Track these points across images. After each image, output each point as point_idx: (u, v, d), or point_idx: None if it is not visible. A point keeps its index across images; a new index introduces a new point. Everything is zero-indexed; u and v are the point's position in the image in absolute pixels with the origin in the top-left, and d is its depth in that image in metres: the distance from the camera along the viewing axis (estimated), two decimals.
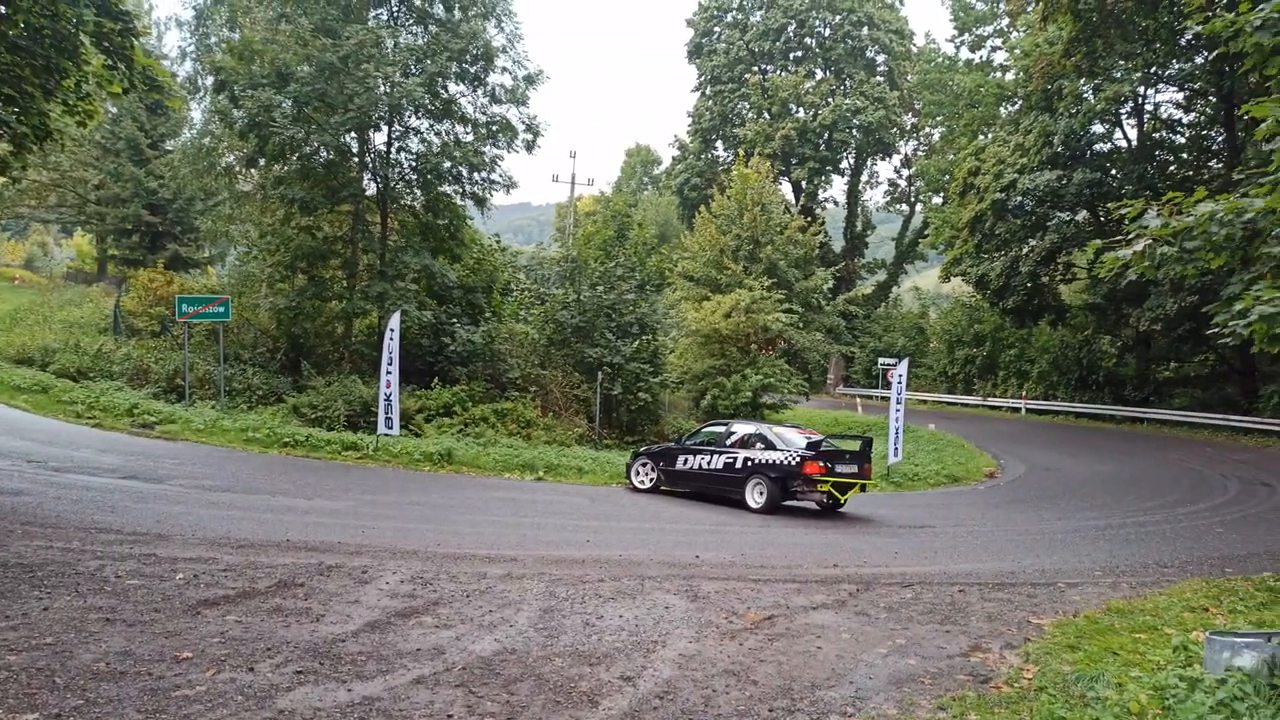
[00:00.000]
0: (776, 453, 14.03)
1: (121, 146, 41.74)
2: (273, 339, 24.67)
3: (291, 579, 7.58)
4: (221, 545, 8.76)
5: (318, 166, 23.17)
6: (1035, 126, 36.55)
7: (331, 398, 20.46)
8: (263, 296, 26.09)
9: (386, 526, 10.64)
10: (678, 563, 9.72)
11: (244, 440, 16.98)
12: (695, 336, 30.08)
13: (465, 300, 25.65)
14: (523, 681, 5.63)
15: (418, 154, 24.56)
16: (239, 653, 5.69)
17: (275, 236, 24.32)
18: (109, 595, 6.72)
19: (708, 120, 56.88)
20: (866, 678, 6.16)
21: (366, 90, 21.57)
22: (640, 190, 77.12)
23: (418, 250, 24.07)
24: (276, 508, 11.28)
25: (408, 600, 7.28)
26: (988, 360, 43.72)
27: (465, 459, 17.22)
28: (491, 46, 24.36)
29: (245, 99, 21.37)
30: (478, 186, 25.17)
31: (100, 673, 5.16)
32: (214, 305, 21.08)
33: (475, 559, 9.11)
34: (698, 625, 7.21)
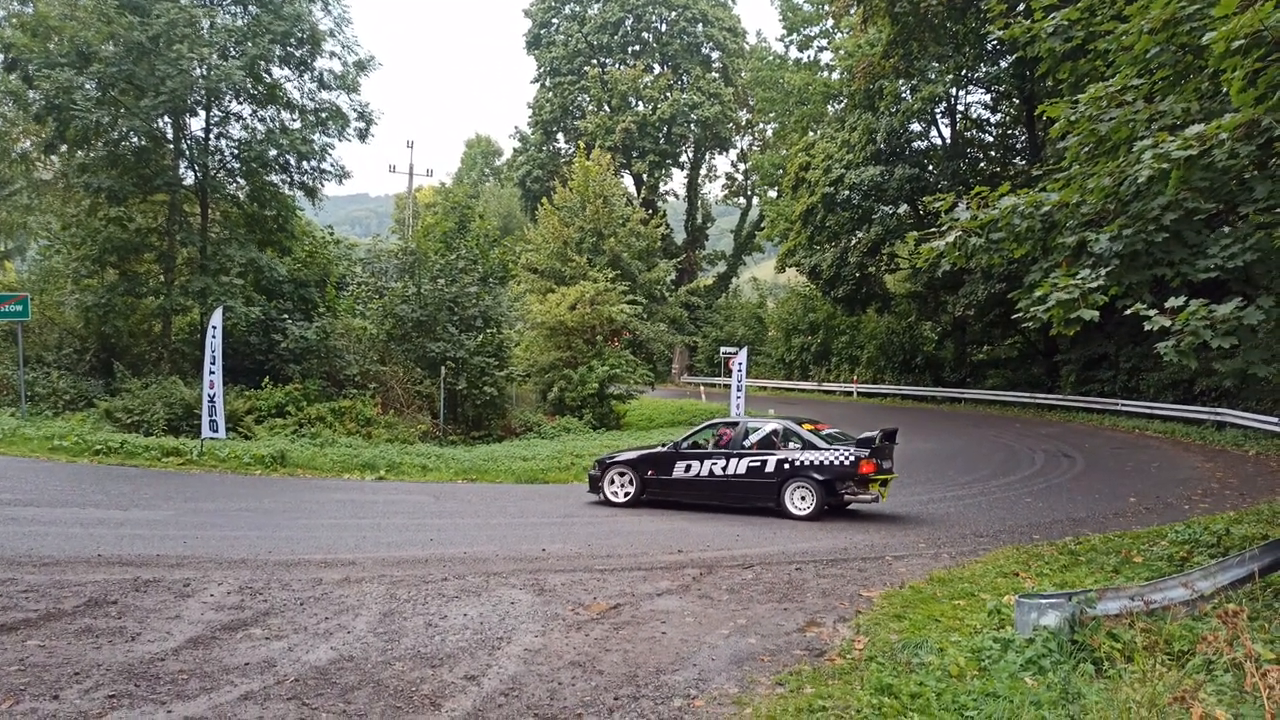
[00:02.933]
0: (822, 452, 12.65)
1: None
2: (81, 339, 22.82)
3: (103, 597, 7.04)
4: (22, 564, 8.02)
5: (127, 153, 21.59)
6: (860, 124, 38.42)
7: (149, 400, 19.12)
8: (68, 294, 24.03)
9: (212, 535, 10.04)
10: (524, 557, 9.66)
11: (49, 449, 15.63)
12: (541, 329, 29.98)
13: (297, 295, 24.54)
14: (360, 689, 5.46)
15: (240, 141, 23.30)
16: (42, 680, 5.24)
17: (81, 228, 22.51)
18: None
19: (548, 112, 56.67)
20: (709, 659, 6.32)
21: (180, 73, 20.23)
22: (482, 181, 75.98)
23: (243, 243, 22.87)
24: (86, 520, 10.44)
25: (235, 612, 6.91)
26: (822, 347, 45.74)
27: (301, 461, 16.49)
28: (318, 30, 23.39)
29: (41, 79, 19.63)
30: (307, 176, 24.16)
31: None
32: (11, 304, 19.28)
33: (310, 564, 8.75)
34: (544, 619, 7.19)
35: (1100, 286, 7.95)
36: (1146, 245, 8.02)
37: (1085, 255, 8.68)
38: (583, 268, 31.75)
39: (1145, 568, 9.02)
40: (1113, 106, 8.47)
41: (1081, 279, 8.00)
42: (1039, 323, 8.67)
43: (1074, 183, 8.76)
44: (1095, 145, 8.87)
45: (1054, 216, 8.77)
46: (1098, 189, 8.25)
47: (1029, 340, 35.68)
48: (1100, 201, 8.40)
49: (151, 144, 22.01)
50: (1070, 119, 8.87)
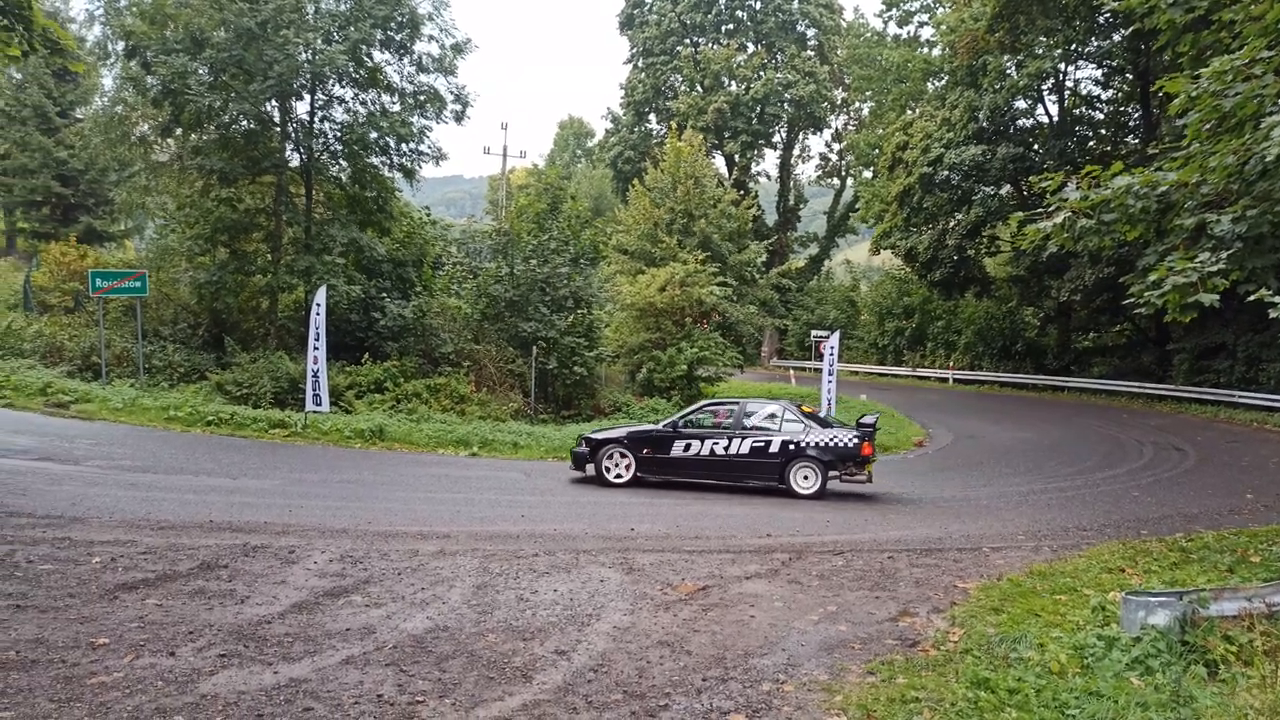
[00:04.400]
0: (826, 434, 13.12)
1: (28, 114, 39.76)
2: (194, 315, 23.89)
3: (215, 560, 7.37)
4: (141, 527, 8.47)
5: (237, 136, 22.40)
6: (961, 102, 37.16)
7: (257, 374, 19.93)
8: (183, 271, 25.18)
9: (315, 505, 10.41)
10: (613, 536, 9.73)
11: (165, 419, 16.45)
12: (630, 310, 30.01)
13: (395, 274, 25.16)
14: (455, 659, 5.58)
15: (343, 124, 23.88)
16: (159, 637, 5.52)
17: (194, 209, 23.48)
18: (20, 581, 6.44)
19: (640, 93, 56.50)
20: (798, 644, 6.25)
21: (287, 57, 20.86)
22: (574, 163, 76.46)
23: (345, 223, 23.51)
24: (200, 488, 10.96)
25: (337, 579, 7.15)
26: (916, 332, 44.65)
27: (397, 435, 16.96)
28: (417, 13, 23.75)
29: (158, 65, 20.49)
30: (406, 158, 24.61)
31: (9, 661, 4.95)
32: (130, 280, 20.29)
33: (407, 536, 8.99)
34: (632, 597, 7.23)
35: (1220, 271, 7.55)
36: (1273, 227, 7.55)
37: (1205, 238, 8.24)
38: (673, 249, 31.65)
39: (1264, 568, 8.54)
40: (1239, 81, 7.95)
41: (1200, 263, 7.60)
42: (1152, 309, 8.28)
43: (1194, 161, 8.28)
44: (1218, 122, 8.36)
45: (1171, 197, 8.32)
46: (1220, 168, 7.79)
47: (1139, 327, 34.13)
48: (1222, 181, 7.93)
49: (260, 127, 22.77)
50: (1191, 94, 8.37)
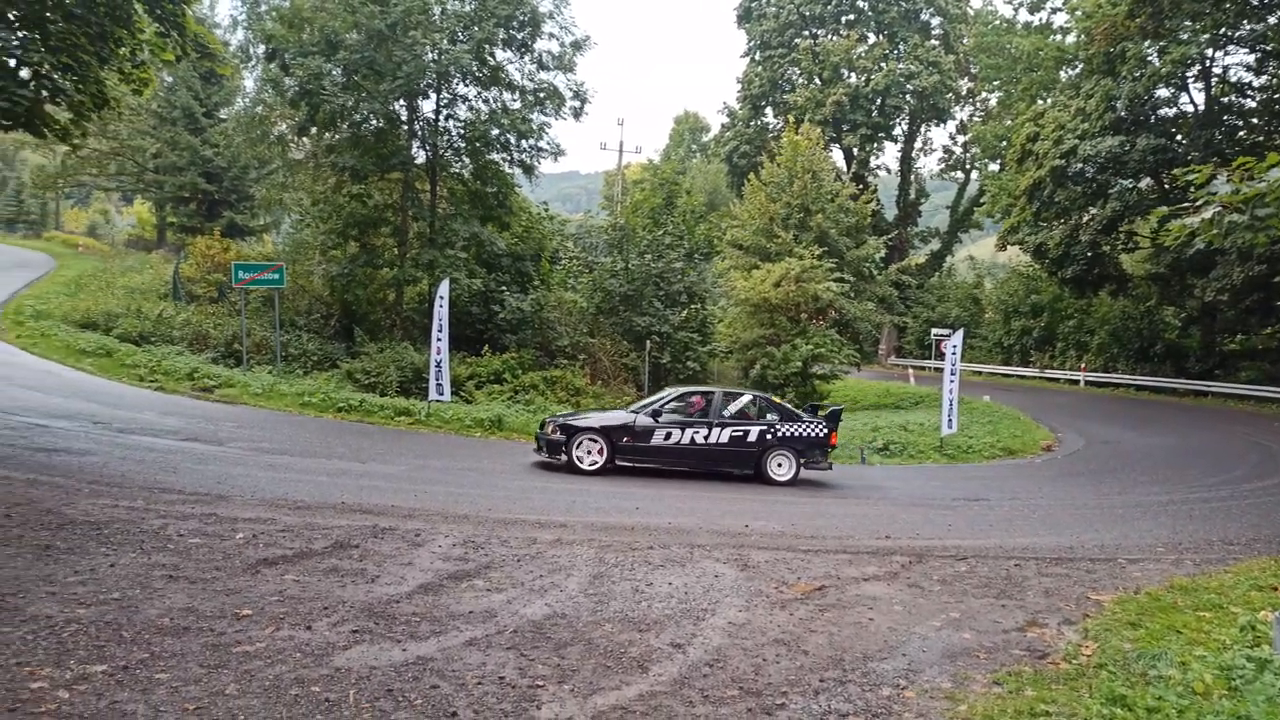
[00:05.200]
0: (799, 424, 13.70)
1: (177, 115, 42.44)
2: (326, 305, 25.03)
3: (347, 540, 7.70)
4: (279, 506, 8.93)
5: (368, 134, 23.33)
6: (1097, 91, 35.36)
7: (384, 364, 20.74)
8: (316, 264, 26.44)
9: (438, 491, 10.75)
10: (727, 531, 9.69)
11: (300, 405, 17.28)
12: (744, 305, 29.84)
13: (514, 268, 25.75)
14: (573, 646, 5.65)
15: (466, 121, 24.58)
16: (297, 611, 5.80)
17: (327, 204, 24.61)
18: (172, 553, 6.88)
19: (757, 86, 56.00)
20: (920, 650, 6.08)
21: (414, 58, 21.61)
22: (689, 158, 76.46)
23: (467, 218, 24.19)
24: (332, 471, 11.47)
25: (459, 563, 7.35)
26: (1045, 331, 42.79)
27: (515, 425, 17.35)
28: (538, 12, 24.19)
29: (296, 67, 21.53)
30: (525, 154, 25.13)
31: (164, 628, 5.29)
32: (269, 272, 21.41)
33: (525, 524, 9.18)
34: (748, 594, 7.18)
35: None
36: None
37: None
38: (788, 244, 31.27)
39: None
40: None
41: None
42: None
43: None
44: None
45: None
46: None
47: None
48: None
49: (388, 125, 23.67)
50: None
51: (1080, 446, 21.37)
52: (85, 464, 10.21)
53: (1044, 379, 41.18)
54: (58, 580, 6.01)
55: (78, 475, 9.55)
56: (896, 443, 19.48)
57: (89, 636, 5.07)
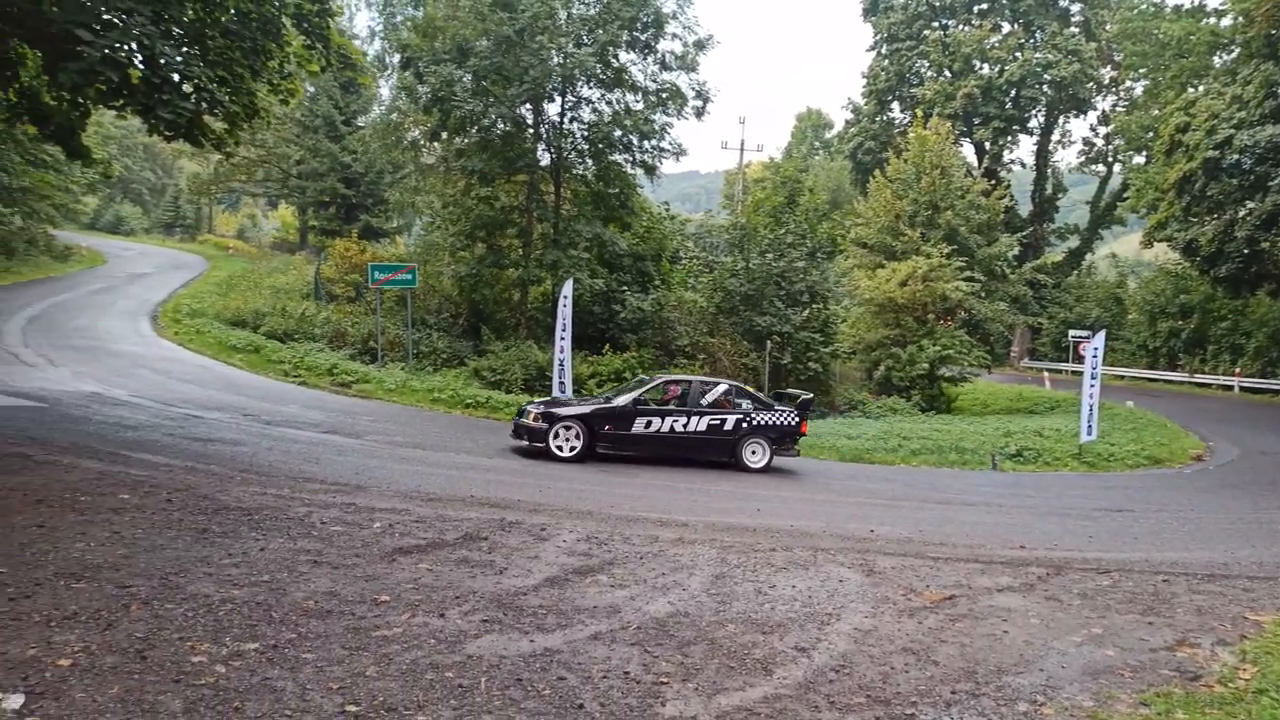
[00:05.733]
0: (774, 413, 14.07)
1: (319, 124, 44.64)
2: (455, 305, 25.85)
3: (476, 533, 7.93)
4: (413, 498, 9.29)
5: (495, 138, 23.94)
6: (1256, 76, 32.92)
7: (509, 362, 21.28)
8: (446, 264, 27.35)
9: (562, 487, 10.95)
10: (852, 536, 9.50)
11: (430, 400, 17.91)
12: (869, 305, 29.23)
13: (635, 268, 25.95)
14: (696, 645, 5.65)
15: (589, 123, 24.90)
16: (431, 599, 6.01)
17: (456, 207, 25.42)
18: (316, 539, 7.25)
19: (883, 80, 54.66)
20: (1059, 666, 5.80)
21: (541, 62, 22.07)
22: (811, 155, 75.33)
23: (589, 219, 24.53)
24: (461, 465, 11.85)
25: (584, 559, 7.46)
26: (1195, 334, 40.12)
27: None
28: (662, 13, 24.29)
29: (429, 75, 22.32)
30: (648, 154, 25.27)
31: (310, 610, 5.58)
32: (402, 273, 22.30)
33: (647, 522, 9.24)
34: (874, 600, 7.01)
35: None
36: None
37: None
38: (915, 242, 30.42)
39: None
40: None
41: None
42: None
43: None
44: None
45: None
46: None
47: None
48: None
49: (515, 129, 24.24)
50: None
51: (1234, 456, 19.96)
52: (237, 453, 10.89)
53: (1193, 384, 38.64)
54: (214, 562, 6.42)
55: (230, 464, 10.19)
56: (1030, 449, 18.67)
57: (242, 615, 5.39)
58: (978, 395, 30.89)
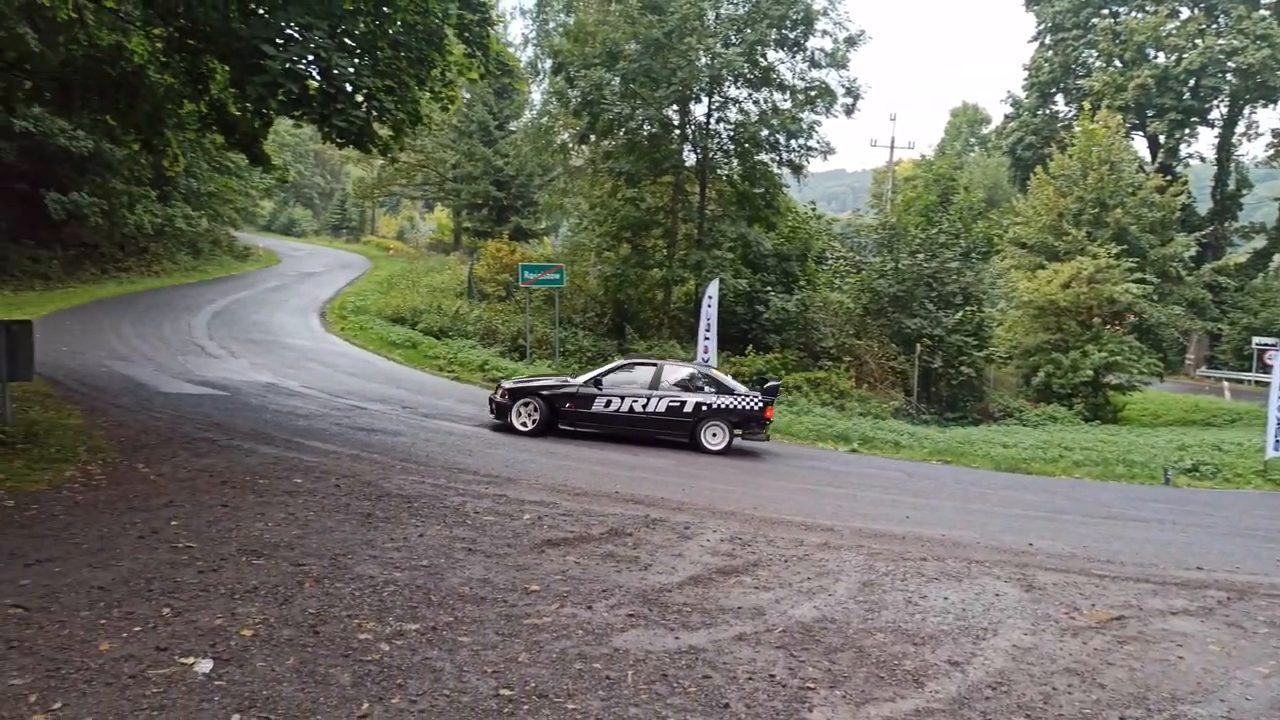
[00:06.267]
0: (735, 397, 14.03)
1: (474, 129, 46.34)
2: (600, 304, 26.32)
3: (621, 528, 8.04)
4: (560, 492, 9.51)
5: (642, 140, 24.22)
6: None
7: None
8: (592, 265, 27.88)
9: (704, 486, 10.96)
10: (1009, 549, 9.07)
11: None
12: (1027, 308, 27.86)
13: (780, 268, 25.70)
14: (843, 652, 5.54)
15: (736, 123, 24.84)
16: (578, 591, 6.14)
17: (603, 208, 25.87)
18: (470, 528, 7.54)
19: (1047, 72, 51.86)
20: (1242, 697, 5.36)
21: (689, 63, 22.19)
22: (966, 152, 72.42)
23: (734, 219, 24.47)
24: (606, 461, 12.05)
25: (727, 559, 7.45)
26: None
27: (779, 426, 17.28)
28: (812, 10, 23.95)
29: (579, 79, 22.83)
30: (794, 154, 25.01)
31: (465, 595, 5.80)
32: (551, 273, 22.88)
33: (791, 525, 9.12)
34: (1033, 617, 6.68)
35: None
36: None
37: None
38: (1080, 242, 28.76)
39: None
40: None
41: None
42: None
43: None
44: None
45: None
46: None
47: None
48: None
49: (662, 130, 24.46)
50: None
51: None
52: (397, 443, 11.45)
53: None
54: (377, 545, 6.78)
55: (391, 453, 10.73)
56: (1208, 463, 17.30)
57: (403, 597, 5.67)
58: (1148, 405, 28.89)
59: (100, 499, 7.51)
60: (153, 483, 8.21)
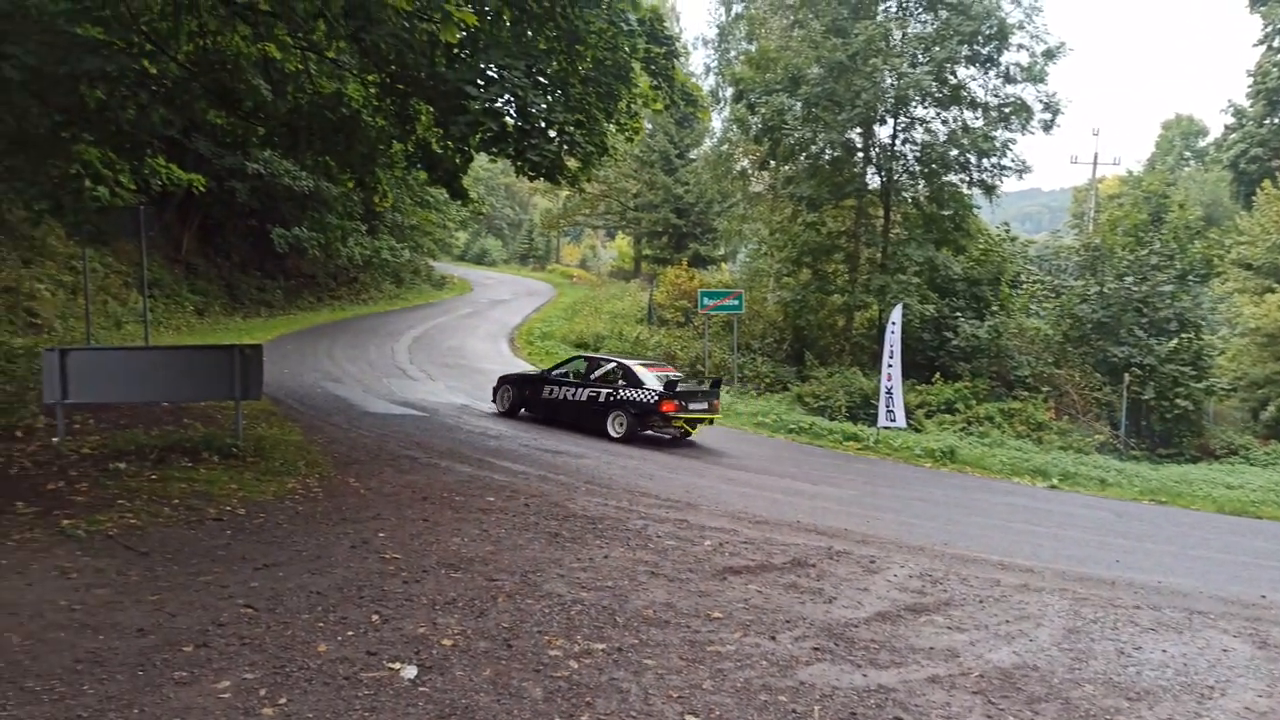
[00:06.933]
0: (637, 391, 14.62)
1: (655, 158, 47.31)
2: (779, 330, 26.14)
3: (803, 559, 7.88)
4: (740, 519, 9.46)
5: (824, 164, 23.99)
6: None
7: (833, 388, 21.06)
8: (771, 290, 27.77)
9: (890, 519, 10.59)
10: (1237, 600, 8.21)
11: (754, 424, 18.19)
12: (1254, 335, 25.32)
13: (970, 293, 24.63)
14: (1047, 703, 5.18)
15: (922, 144, 24.16)
16: (761, 620, 6.06)
17: (783, 234, 25.76)
18: (652, 552, 7.62)
19: (1276, 78, 47.24)
20: None
21: (873, 85, 21.80)
22: (1179, 167, 66.91)
23: (920, 242, 23.72)
24: (786, 489, 11.88)
25: (917, 596, 7.14)
26: None
27: (969, 458, 16.51)
28: (1006, 24, 22.99)
29: (760, 105, 22.90)
30: (986, 173, 24.03)
31: (649, 618, 5.86)
32: (730, 299, 22.92)
33: (986, 564, 8.64)
34: (1269, 678, 6.00)
35: None
36: None
37: None
38: None
39: None
40: None
41: None
42: None
43: None
44: None
45: None
46: None
47: None
48: None
49: (844, 154, 24.12)
50: None
51: None
52: (581, 466, 11.77)
53: None
54: (564, 564, 6.97)
55: (575, 475, 11.04)
56: None
57: (590, 617, 5.79)
58: None
59: (317, 510, 8.14)
60: (362, 496, 8.82)
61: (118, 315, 19.68)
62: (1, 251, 17.98)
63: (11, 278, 17.67)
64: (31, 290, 17.88)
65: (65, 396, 9.22)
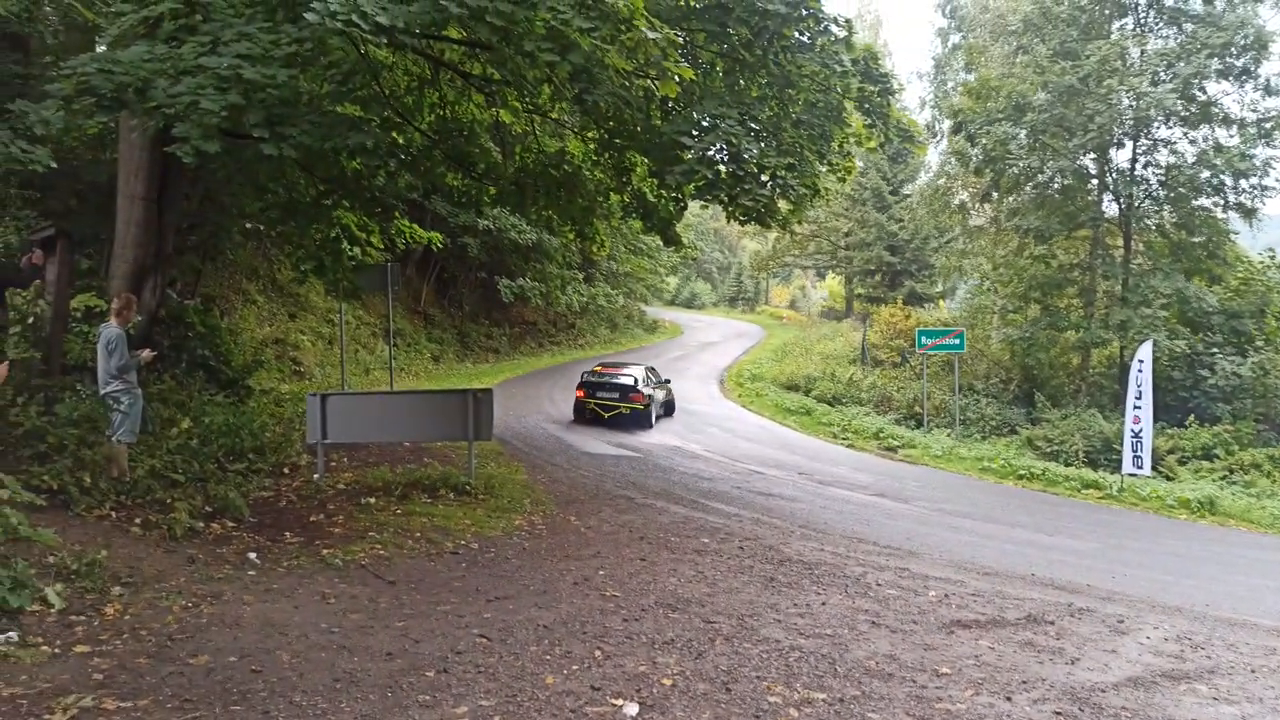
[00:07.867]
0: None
1: (867, 196, 46.41)
2: (1005, 370, 24.74)
3: (1040, 615, 7.34)
4: (967, 569, 8.96)
5: (1053, 193, 22.67)
6: None
7: (1068, 431, 19.61)
8: (994, 328, 26.36)
9: (1139, 575, 9.67)
10: None
11: (979, 469, 17.24)
12: None
13: (1228, 327, 22.21)
14: None
15: (1166, 167, 22.29)
16: (994, 679, 5.68)
17: (1008, 268, 24.48)
18: (872, 600, 7.36)
19: None
20: None
21: (1108, 107, 20.42)
22: None
23: (1167, 273, 21.78)
24: (1017, 540, 11.15)
25: (1174, 661, 6.46)
26: None
27: (1233, 511, 14.78)
28: (1264, 32, 20.86)
29: (981, 136, 21.99)
30: (1244, 195, 21.75)
31: (871, 670, 5.65)
32: (950, 338, 21.97)
33: (1258, 629, 7.68)
34: None
35: None
36: None
37: None
38: None
39: None
40: None
41: None
42: None
43: None
44: None
45: None
46: None
47: None
48: None
49: (1076, 182, 22.64)
50: None
51: None
52: (795, 509, 11.62)
53: None
54: (781, 609, 6.88)
55: (790, 518, 10.91)
56: None
57: (809, 665, 5.67)
58: None
59: (542, 547, 8.53)
60: (582, 534, 9.15)
61: (366, 363, 21.63)
62: (273, 308, 20.34)
63: (280, 330, 19.91)
64: (296, 341, 20.05)
65: (325, 437, 10.22)
